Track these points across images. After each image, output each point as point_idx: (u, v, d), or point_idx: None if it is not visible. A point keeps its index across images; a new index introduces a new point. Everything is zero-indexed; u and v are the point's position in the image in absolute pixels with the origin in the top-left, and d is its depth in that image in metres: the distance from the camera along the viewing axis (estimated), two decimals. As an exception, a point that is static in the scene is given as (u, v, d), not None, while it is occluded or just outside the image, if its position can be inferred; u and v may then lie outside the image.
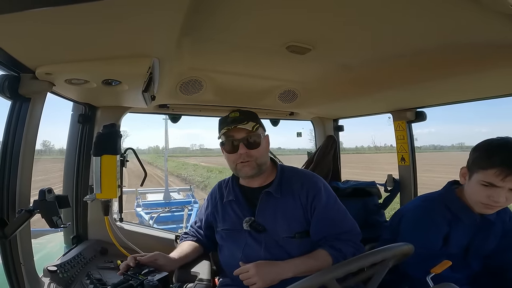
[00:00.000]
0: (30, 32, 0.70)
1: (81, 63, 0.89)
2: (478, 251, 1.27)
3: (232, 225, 1.30)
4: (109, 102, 1.56)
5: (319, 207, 1.23)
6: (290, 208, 1.24)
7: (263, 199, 1.27)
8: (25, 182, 1.00)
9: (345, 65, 1.33)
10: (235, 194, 1.33)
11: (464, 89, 1.44)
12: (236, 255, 1.27)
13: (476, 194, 1.16)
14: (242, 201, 1.31)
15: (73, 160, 1.60)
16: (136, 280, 1.08)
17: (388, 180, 2.06)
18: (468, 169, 1.20)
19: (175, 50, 1.01)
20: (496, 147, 1.12)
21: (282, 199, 1.26)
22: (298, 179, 1.29)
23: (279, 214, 1.24)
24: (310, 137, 2.80)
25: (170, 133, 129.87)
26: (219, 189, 1.42)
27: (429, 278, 1.09)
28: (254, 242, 1.24)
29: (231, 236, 1.31)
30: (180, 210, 7.05)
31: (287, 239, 1.22)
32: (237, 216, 1.29)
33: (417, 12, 0.86)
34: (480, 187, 1.13)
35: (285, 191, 1.27)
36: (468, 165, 1.21)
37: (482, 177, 1.12)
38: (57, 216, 1.01)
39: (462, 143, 79.33)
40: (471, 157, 1.20)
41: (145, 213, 7.29)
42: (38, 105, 1.00)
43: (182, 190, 10.79)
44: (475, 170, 1.15)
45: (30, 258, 1.07)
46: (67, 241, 1.62)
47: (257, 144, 1.25)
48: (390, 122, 2.01)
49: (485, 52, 1.05)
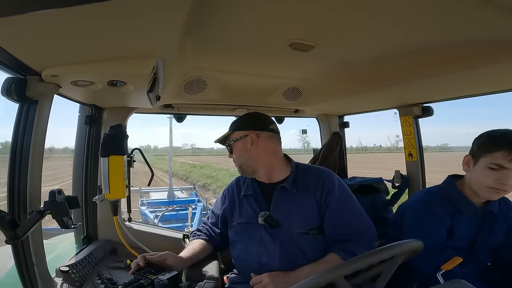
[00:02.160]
0: (36, 35, 0.70)
1: (86, 65, 0.90)
2: (485, 245, 1.27)
3: (248, 219, 1.32)
4: (115, 103, 1.58)
5: (333, 203, 1.23)
6: (305, 203, 1.25)
7: (278, 194, 1.29)
8: (35, 183, 1.01)
9: (349, 61, 1.32)
10: (253, 189, 1.35)
11: (472, 84, 1.42)
12: (251, 250, 1.27)
13: (483, 178, 1.16)
14: (260, 196, 1.33)
15: (82, 161, 1.62)
16: (147, 280, 1.09)
17: (395, 176, 2.03)
18: (473, 156, 1.22)
19: (179, 50, 1.02)
20: (501, 133, 1.15)
21: (297, 194, 1.27)
22: (314, 175, 1.30)
23: (294, 209, 1.25)
24: (299, 137, 2.79)
25: (161, 133, 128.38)
26: (237, 184, 1.44)
27: (439, 275, 1.09)
28: (269, 237, 1.25)
29: (247, 230, 1.32)
30: (184, 208, 7.10)
31: (301, 235, 1.22)
32: (253, 210, 1.31)
33: (422, 7, 0.84)
34: (487, 171, 1.15)
35: (300, 186, 1.28)
36: (473, 152, 1.22)
37: (489, 160, 1.14)
38: (68, 216, 1.02)
39: (446, 144, 79.05)
40: (476, 144, 1.21)
41: (149, 211, 7.34)
42: (45, 107, 1.01)
43: (185, 189, 10.89)
44: (481, 155, 1.17)
45: (43, 258, 1.08)
46: (78, 241, 1.64)
47: (232, 150, 1.38)
48: (397, 117, 1.99)
49: (492, 47, 1.03)
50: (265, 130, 1.34)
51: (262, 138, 1.32)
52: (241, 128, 1.34)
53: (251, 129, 1.33)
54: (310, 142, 38.43)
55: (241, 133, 1.33)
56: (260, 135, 1.32)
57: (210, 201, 7.97)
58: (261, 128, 1.34)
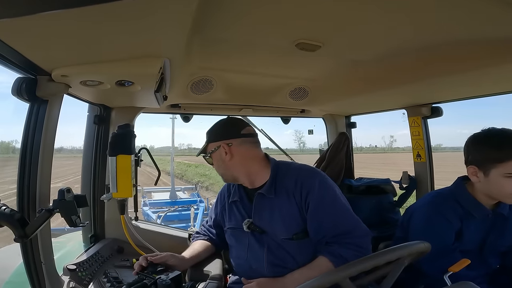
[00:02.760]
0: (46, 35, 0.71)
1: (95, 65, 0.91)
2: (494, 247, 1.25)
3: (236, 225, 1.31)
4: (123, 103, 1.60)
5: (313, 204, 1.17)
6: (286, 208, 1.20)
7: (257, 201, 1.26)
8: (45, 182, 1.02)
9: (356, 61, 1.31)
10: (239, 195, 1.34)
11: (481, 84, 1.39)
12: (242, 255, 1.27)
13: (504, 188, 1.13)
14: (245, 202, 1.32)
15: (90, 160, 1.64)
16: (150, 279, 1.10)
17: (403, 177, 2.01)
18: (479, 166, 1.17)
19: (185, 50, 1.02)
20: (502, 138, 1.12)
21: (276, 199, 1.22)
22: (292, 176, 1.23)
23: (275, 215, 1.21)
24: (295, 137, 2.78)
25: (158, 133, 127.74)
26: (227, 189, 1.43)
27: (446, 277, 1.07)
28: (256, 243, 1.24)
29: (236, 235, 1.32)
30: (186, 209, 7.12)
31: (286, 241, 1.19)
32: (241, 216, 1.30)
33: (430, 5, 0.83)
34: (505, 180, 1.11)
35: (279, 190, 1.22)
36: (477, 162, 1.18)
37: (504, 170, 1.11)
38: (76, 215, 1.03)
39: (440, 144, 78.38)
40: (476, 154, 1.18)
41: (152, 212, 7.38)
42: (55, 107, 1.02)
43: (187, 189, 10.92)
44: (491, 165, 1.13)
45: (51, 257, 1.10)
46: (86, 240, 1.66)
47: (210, 162, 1.35)
48: (405, 118, 1.97)
49: (502, 46, 1.01)
50: (236, 137, 1.28)
51: (234, 147, 1.27)
52: (213, 139, 1.30)
53: (221, 139, 1.28)
54: (306, 142, 37.70)
55: (214, 145, 1.29)
56: (232, 144, 1.27)
57: (210, 202, 7.98)
58: (231, 136, 1.28)
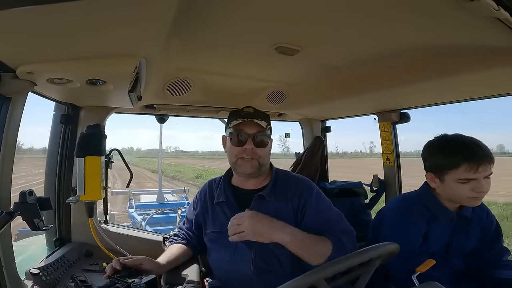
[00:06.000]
0: (12, 31, 0.68)
1: (64, 62, 0.87)
2: (459, 249, 1.30)
3: (221, 228, 1.25)
4: (94, 102, 1.53)
5: (310, 211, 1.21)
6: (282, 213, 1.21)
7: (255, 203, 1.24)
8: (5, 183, 0.97)
9: (332, 66, 1.35)
10: (226, 196, 1.29)
11: (447, 91, 1.48)
12: (225, 259, 1.24)
13: (459, 191, 1.18)
14: (234, 204, 1.27)
15: (55, 161, 1.57)
16: (123, 283, 1.06)
17: (374, 180, 2.09)
18: (434, 173, 1.24)
19: (163, 50, 1.00)
20: (454, 145, 1.18)
21: (274, 203, 1.23)
22: (292, 183, 1.27)
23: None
24: (279, 142, 2.83)
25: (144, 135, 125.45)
26: (210, 189, 1.37)
27: (414, 277, 1.12)
28: (244, 246, 1.20)
29: (220, 239, 1.25)
30: (174, 211, 6.98)
31: (278, 245, 1.17)
32: (228, 219, 1.22)
33: (403, 15, 0.88)
34: (459, 185, 1.17)
35: (278, 195, 1.25)
36: (431, 168, 1.25)
37: (456, 176, 1.16)
38: (39, 218, 0.99)
39: (418, 150, 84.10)
40: (431, 161, 1.24)
41: (137, 214, 7.18)
42: (18, 105, 0.97)
43: (176, 192, 10.70)
44: (443, 171, 1.19)
45: (12, 260, 1.04)
46: (50, 243, 1.58)
47: (265, 144, 1.26)
48: (376, 123, 2.05)
49: (468, 54, 1.08)
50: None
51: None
52: (271, 127, 1.32)
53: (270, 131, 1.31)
54: (290, 147, 37.20)
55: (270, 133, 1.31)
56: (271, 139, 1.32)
57: None
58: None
